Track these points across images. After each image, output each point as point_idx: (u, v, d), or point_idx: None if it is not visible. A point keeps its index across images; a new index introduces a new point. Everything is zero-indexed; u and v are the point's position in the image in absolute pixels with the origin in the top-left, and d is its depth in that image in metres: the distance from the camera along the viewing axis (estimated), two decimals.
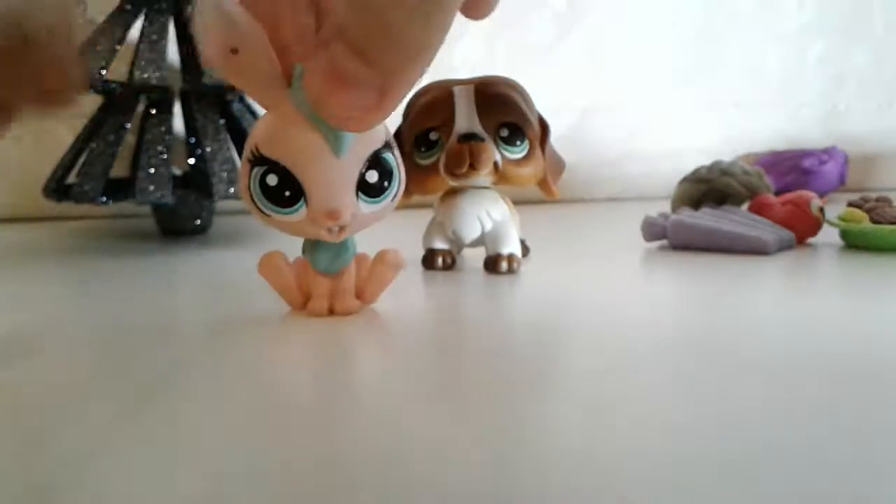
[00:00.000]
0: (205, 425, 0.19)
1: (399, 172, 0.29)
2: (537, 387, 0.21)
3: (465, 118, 0.39)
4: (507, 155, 0.39)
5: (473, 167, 0.38)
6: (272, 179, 0.27)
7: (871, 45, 0.94)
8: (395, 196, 0.29)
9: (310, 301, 0.31)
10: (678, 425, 0.18)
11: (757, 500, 0.14)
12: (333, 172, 0.27)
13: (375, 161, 0.27)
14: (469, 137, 0.38)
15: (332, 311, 0.31)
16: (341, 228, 0.28)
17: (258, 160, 0.27)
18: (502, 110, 0.38)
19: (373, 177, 0.27)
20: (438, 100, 0.39)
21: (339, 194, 0.27)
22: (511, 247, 0.40)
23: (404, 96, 0.22)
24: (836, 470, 0.15)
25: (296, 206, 0.27)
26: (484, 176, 0.38)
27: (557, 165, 0.43)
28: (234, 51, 0.24)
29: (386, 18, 0.19)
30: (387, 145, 0.28)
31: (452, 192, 0.41)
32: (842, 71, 0.95)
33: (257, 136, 0.27)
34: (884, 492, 0.14)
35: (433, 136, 0.39)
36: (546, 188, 0.41)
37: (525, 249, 0.45)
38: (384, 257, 0.31)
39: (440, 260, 0.41)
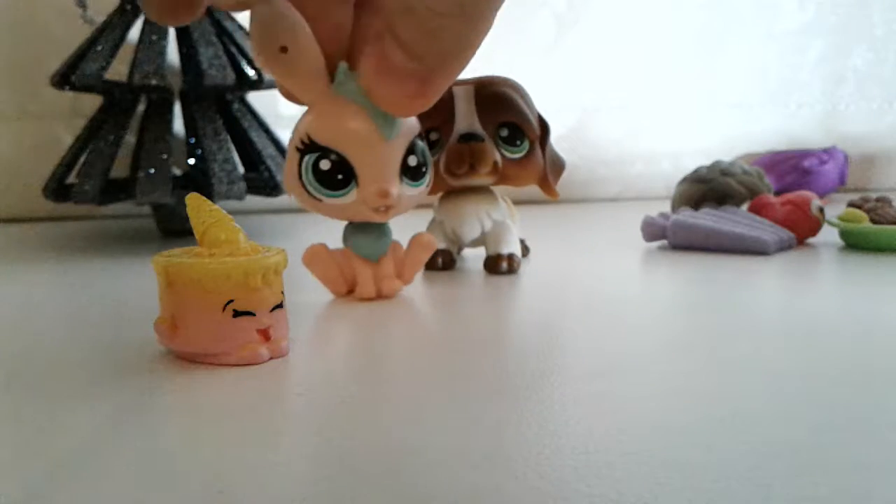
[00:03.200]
0: (205, 420, 0.19)
1: (429, 159, 0.32)
2: (537, 386, 0.21)
3: (465, 118, 0.39)
4: (507, 155, 0.39)
5: (473, 167, 0.38)
6: (325, 164, 0.29)
7: (871, 45, 0.94)
8: (429, 182, 0.32)
9: (357, 287, 0.33)
10: (678, 425, 0.18)
11: (757, 500, 0.14)
12: (383, 156, 0.29)
13: (414, 147, 0.30)
14: (469, 137, 0.38)
15: (379, 295, 0.33)
16: (387, 208, 0.30)
17: (310, 147, 0.29)
18: (502, 110, 0.38)
19: (413, 161, 0.30)
20: (438, 100, 0.39)
21: (388, 175, 0.30)
22: (511, 247, 0.40)
23: (447, 86, 0.25)
24: (836, 469, 0.15)
25: (347, 189, 0.30)
26: (484, 176, 0.38)
27: (557, 165, 0.43)
28: (284, 49, 0.26)
29: (430, 24, 0.21)
30: (420, 135, 0.31)
31: (452, 192, 0.41)
32: (842, 71, 0.95)
33: (308, 126, 0.29)
34: (884, 491, 0.14)
35: (433, 136, 0.39)
36: (546, 188, 0.41)
37: (525, 249, 0.45)
38: (419, 239, 0.34)
39: (440, 260, 0.41)
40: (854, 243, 0.46)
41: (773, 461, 0.16)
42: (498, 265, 0.39)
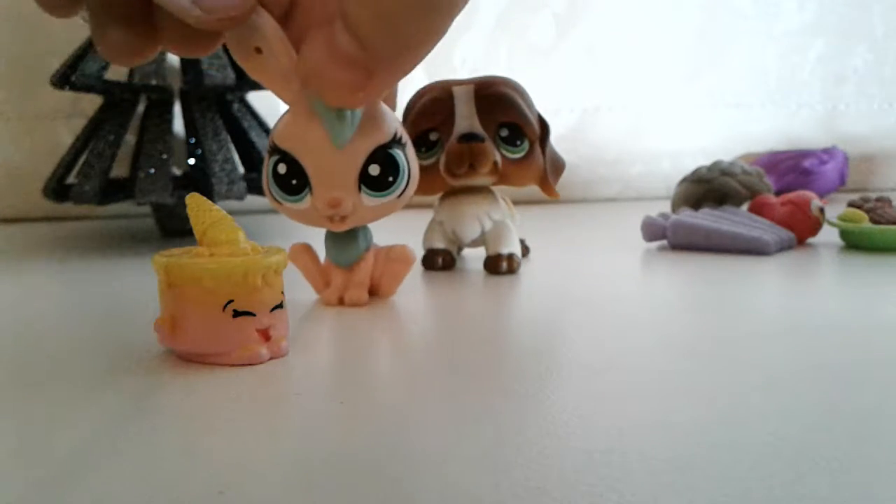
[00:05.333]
0: (204, 420, 0.19)
1: (408, 168, 0.29)
2: (537, 386, 0.21)
3: (465, 118, 0.39)
4: (507, 155, 0.39)
5: (473, 167, 0.38)
6: (282, 168, 0.29)
7: (871, 45, 0.94)
8: (402, 192, 0.30)
9: (325, 290, 0.33)
10: (678, 424, 0.18)
11: (757, 500, 0.14)
12: (334, 163, 0.28)
13: (380, 155, 0.28)
14: (469, 138, 0.38)
15: (341, 303, 0.32)
16: (342, 218, 0.29)
17: (273, 150, 0.29)
18: (502, 110, 0.38)
19: (375, 170, 0.28)
20: (438, 100, 0.39)
21: (338, 184, 0.28)
22: (511, 247, 0.40)
23: (392, 84, 0.23)
24: (835, 469, 0.15)
25: (301, 195, 0.29)
26: (484, 176, 0.38)
27: (557, 165, 0.43)
28: (258, 50, 0.26)
29: (386, 8, 0.19)
30: (396, 141, 0.29)
31: (452, 192, 0.41)
32: (842, 71, 0.95)
33: (276, 127, 0.29)
34: (884, 490, 0.14)
35: (433, 136, 0.39)
36: (546, 188, 0.41)
37: (525, 249, 0.45)
38: (392, 253, 0.32)
39: (440, 260, 0.41)
40: (854, 243, 0.46)
41: (773, 461, 0.16)
42: (498, 265, 0.39)
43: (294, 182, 0.29)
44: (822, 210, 0.48)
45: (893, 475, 0.15)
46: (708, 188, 0.55)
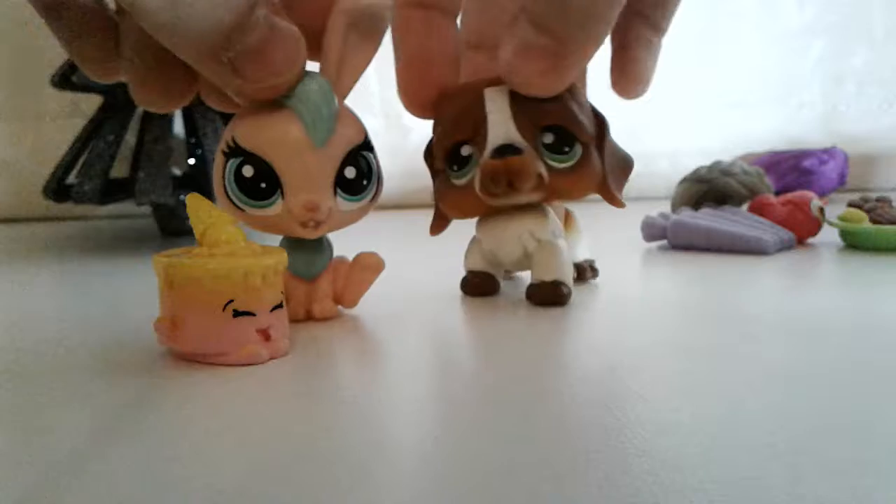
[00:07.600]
0: (204, 420, 0.19)
1: (379, 172, 0.29)
2: (536, 386, 0.21)
3: (500, 126, 0.30)
4: (554, 165, 0.30)
5: (512, 186, 0.29)
6: (248, 171, 0.26)
7: (871, 45, 0.94)
8: (373, 196, 0.29)
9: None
10: (678, 425, 0.18)
11: (757, 500, 0.14)
12: (312, 164, 0.26)
13: (353, 158, 0.27)
14: (504, 151, 0.29)
15: (309, 317, 0.30)
16: (318, 223, 0.27)
17: (234, 151, 0.26)
18: (543, 112, 0.29)
19: (350, 173, 0.27)
20: (467, 107, 0.30)
21: (317, 186, 0.27)
22: (558, 272, 0.32)
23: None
24: (836, 470, 0.15)
25: (272, 199, 0.27)
26: (528, 193, 0.30)
27: (622, 165, 0.34)
28: None
29: None
30: (366, 145, 0.28)
31: (493, 207, 0.32)
32: (842, 71, 0.95)
33: (236, 127, 0.27)
34: (884, 491, 0.14)
35: (465, 150, 0.31)
36: (608, 196, 0.33)
37: (593, 271, 0.38)
38: (362, 260, 0.30)
39: (476, 284, 0.35)
40: (854, 243, 0.46)
41: (773, 461, 0.16)
42: (542, 297, 0.32)
43: (263, 186, 0.26)
44: (822, 210, 0.48)
45: (893, 476, 0.15)
46: (708, 188, 0.55)
